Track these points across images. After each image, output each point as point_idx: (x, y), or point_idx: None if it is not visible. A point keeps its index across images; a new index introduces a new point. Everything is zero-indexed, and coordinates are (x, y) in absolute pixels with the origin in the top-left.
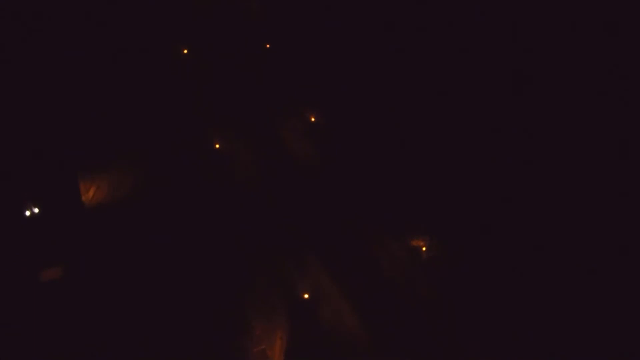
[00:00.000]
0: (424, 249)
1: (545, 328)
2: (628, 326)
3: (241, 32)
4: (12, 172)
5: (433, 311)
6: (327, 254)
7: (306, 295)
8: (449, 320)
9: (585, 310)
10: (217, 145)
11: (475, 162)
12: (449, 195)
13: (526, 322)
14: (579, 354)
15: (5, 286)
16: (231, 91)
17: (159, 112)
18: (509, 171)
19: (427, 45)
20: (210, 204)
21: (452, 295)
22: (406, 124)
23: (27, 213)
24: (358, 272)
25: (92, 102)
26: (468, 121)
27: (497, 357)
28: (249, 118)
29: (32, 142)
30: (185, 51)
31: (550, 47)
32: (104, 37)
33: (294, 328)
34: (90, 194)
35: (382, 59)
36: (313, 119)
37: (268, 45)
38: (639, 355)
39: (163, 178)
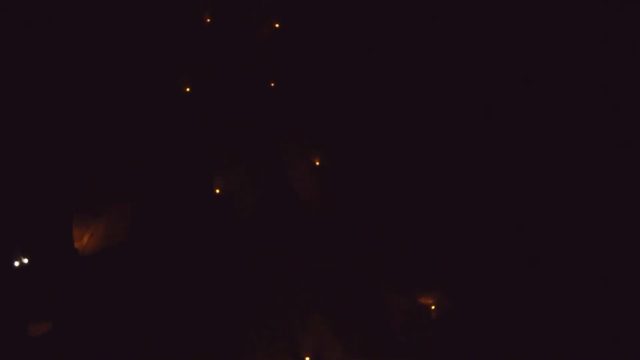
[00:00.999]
0: (433, 307)
1: None
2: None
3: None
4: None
5: None
6: (330, 309)
7: (307, 359)
8: None
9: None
10: (218, 190)
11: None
12: (464, 245)
13: None
14: None
15: None
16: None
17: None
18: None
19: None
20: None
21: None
22: (419, 167)
23: (16, 264)
24: (362, 331)
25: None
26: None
27: None
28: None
29: (22, 185)
30: (188, 89)
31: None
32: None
33: None
34: (84, 240)
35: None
36: (317, 163)
37: (273, 84)
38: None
39: (164, 221)
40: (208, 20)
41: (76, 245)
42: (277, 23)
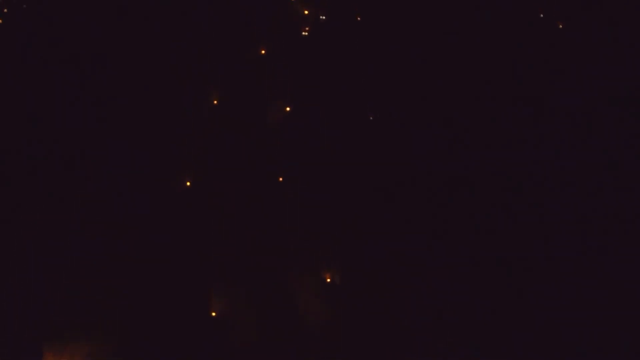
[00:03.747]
0: None
1: None
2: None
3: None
4: None
5: None
6: None
7: None
8: None
9: None
10: (214, 314)
11: None
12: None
13: None
14: None
15: None
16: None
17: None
18: None
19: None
20: None
21: None
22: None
23: None
24: None
25: None
26: None
27: None
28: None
29: None
30: (188, 183)
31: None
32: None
33: None
34: None
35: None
36: (329, 279)
37: (281, 179)
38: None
39: (154, 344)
40: (215, 102)
41: None
42: (287, 106)
